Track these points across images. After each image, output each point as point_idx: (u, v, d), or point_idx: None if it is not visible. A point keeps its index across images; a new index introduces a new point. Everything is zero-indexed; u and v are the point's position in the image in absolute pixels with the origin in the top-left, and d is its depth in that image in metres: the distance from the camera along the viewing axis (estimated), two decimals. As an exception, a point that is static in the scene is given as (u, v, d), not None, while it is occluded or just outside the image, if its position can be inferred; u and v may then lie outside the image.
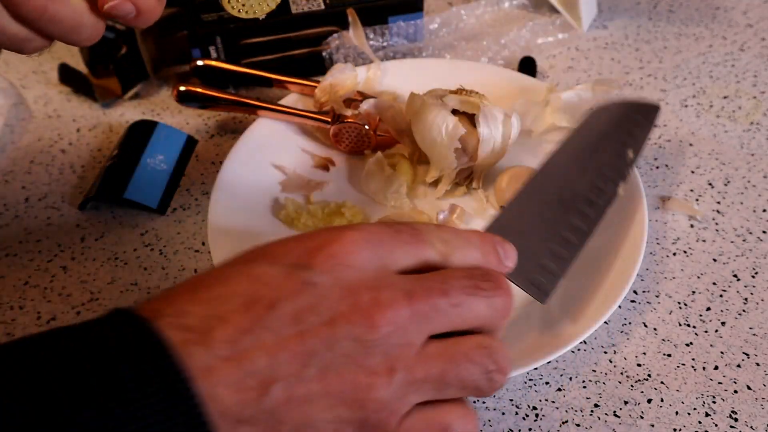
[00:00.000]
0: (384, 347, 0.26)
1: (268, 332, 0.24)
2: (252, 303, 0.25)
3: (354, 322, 0.25)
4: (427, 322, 0.27)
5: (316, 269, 0.26)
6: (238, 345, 0.24)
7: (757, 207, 0.54)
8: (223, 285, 0.26)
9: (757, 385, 0.43)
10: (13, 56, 0.73)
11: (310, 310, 0.25)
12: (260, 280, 0.26)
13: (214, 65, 0.63)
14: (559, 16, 0.73)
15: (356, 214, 0.52)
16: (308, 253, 0.27)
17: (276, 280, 0.26)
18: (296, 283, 0.26)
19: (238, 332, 0.24)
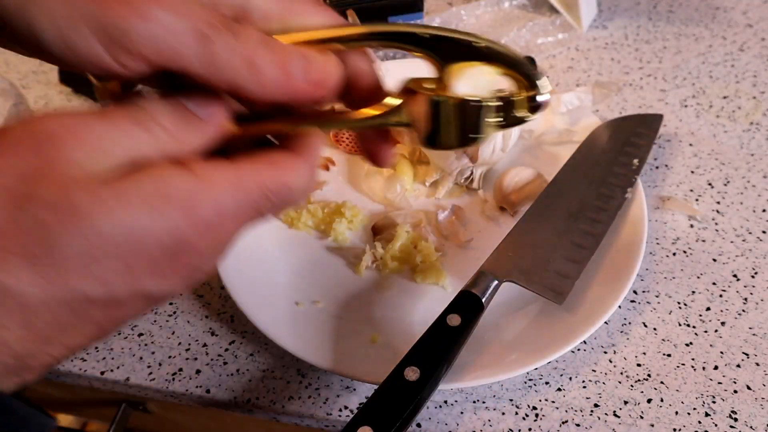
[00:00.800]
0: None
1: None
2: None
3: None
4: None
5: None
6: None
7: (756, 207, 0.54)
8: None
9: (756, 385, 0.43)
10: (13, 56, 0.73)
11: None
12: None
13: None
14: (559, 16, 0.73)
15: (356, 214, 0.52)
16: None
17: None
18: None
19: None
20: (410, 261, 0.49)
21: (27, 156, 0.23)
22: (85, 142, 0.24)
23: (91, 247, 0.23)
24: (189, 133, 0.27)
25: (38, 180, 0.23)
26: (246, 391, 0.44)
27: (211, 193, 0.26)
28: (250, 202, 0.27)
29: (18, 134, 0.24)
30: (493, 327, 0.45)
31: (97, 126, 0.25)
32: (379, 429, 0.34)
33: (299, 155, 0.28)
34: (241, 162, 0.27)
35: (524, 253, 0.46)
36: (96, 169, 0.24)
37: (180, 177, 0.25)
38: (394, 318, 0.46)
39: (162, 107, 0.27)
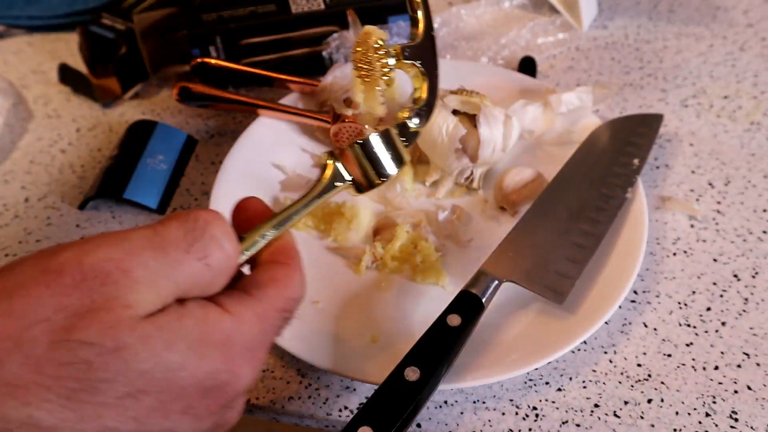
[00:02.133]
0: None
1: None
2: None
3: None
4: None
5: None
6: None
7: (757, 207, 0.54)
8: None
9: (757, 385, 0.43)
10: (13, 56, 0.73)
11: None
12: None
13: (215, 64, 0.63)
14: (559, 16, 0.73)
15: (356, 214, 0.52)
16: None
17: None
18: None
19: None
20: (410, 261, 0.49)
21: (74, 294, 0.23)
22: (136, 282, 0.24)
23: (130, 384, 0.23)
24: (228, 274, 0.28)
25: (84, 318, 0.23)
26: (246, 391, 0.44)
27: (243, 331, 0.27)
28: (273, 328, 0.29)
29: (65, 267, 0.23)
30: (493, 327, 0.44)
31: (150, 262, 0.25)
32: (379, 429, 0.34)
33: (288, 264, 0.30)
34: (253, 290, 0.28)
35: (524, 253, 0.46)
36: (143, 306, 0.24)
37: (219, 318, 0.26)
38: (394, 318, 0.46)
39: (222, 243, 0.27)
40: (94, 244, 0.24)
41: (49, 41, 0.75)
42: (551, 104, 0.57)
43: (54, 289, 0.23)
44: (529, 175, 0.54)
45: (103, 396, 0.23)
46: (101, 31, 0.65)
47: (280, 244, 0.31)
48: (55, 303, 0.23)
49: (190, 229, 0.26)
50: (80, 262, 0.24)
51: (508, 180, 0.54)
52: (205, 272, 0.26)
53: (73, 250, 0.24)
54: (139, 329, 0.23)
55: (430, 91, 0.41)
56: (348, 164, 0.35)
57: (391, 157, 0.36)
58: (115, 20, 0.66)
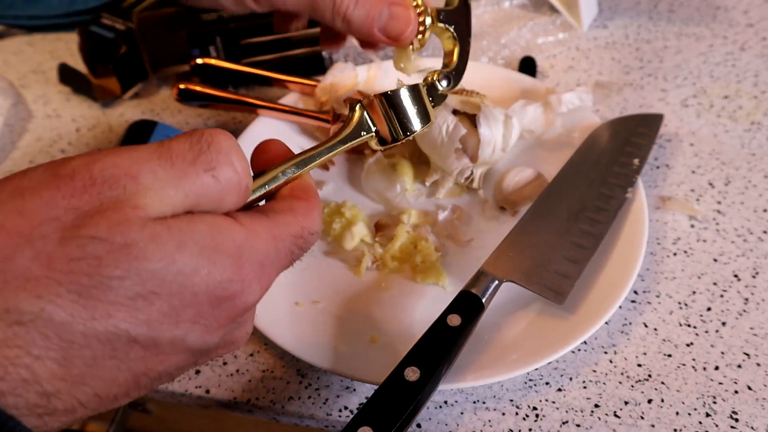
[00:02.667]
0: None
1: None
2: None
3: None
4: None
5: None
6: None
7: (757, 207, 0.54)
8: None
9: (757, 385, 0.43)
10: (13, 56, 0.73)
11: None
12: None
13: (214, 64, 0.63)
14: (559, 16, 0.73)
15: (356, 214, 0.52)
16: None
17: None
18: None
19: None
20: (410, 261, 0.49)
21: (84, 196, 0.23)
22: (145, 187, 0.24)
23: (141, 284, 0.23)
24: (238, 191, 0.27)
25: (93, 217, 0.23)
26: (246, 391, 0.44)
27: (256, 245, 0.27)
28: (286, 251, 0.29)
29: (76, 172, 0.24)
30: (493, 327, 0.44)
31: (158, 170, 0.25)
32: (379, 429, 0.34)
33: (307, 199, 0.31)
34: (270, 213, 0.29)
35: (524, 253, 0.46)
36: (152, 209, 0.24)
37: (231, 228, 0.26)
38: (394, 318, 0.46)
39: (235, 161, 0.27)
40: (103, 152, 0.25)
41: (49, 41, 0.75)
42: (551, 104, 0.57)
43: (64, 192, 0.23)
44: (529, 175, 0.54)
45: (114, 294, 0.23)
46: (101, 31, 0.65)
47: (299, 182, 0.31)
48: (66, 204, 0.23)
49: (195, 141, 0.26)
50: (90, 167, 0.24)
51: (508, 180, 0.54)
52: (214, 185, 0.26)
53: (83, 157, 0.24)
54: (149, 227, 0.24)
55: (460, 56, 0.42)
56: (374, 115, 0.35)
57: (417, 113, 0.36)
58: (115, 20, 0.66)
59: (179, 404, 0.46)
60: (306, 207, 0.30)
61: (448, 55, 0.43)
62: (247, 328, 0.29)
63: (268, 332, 0.44)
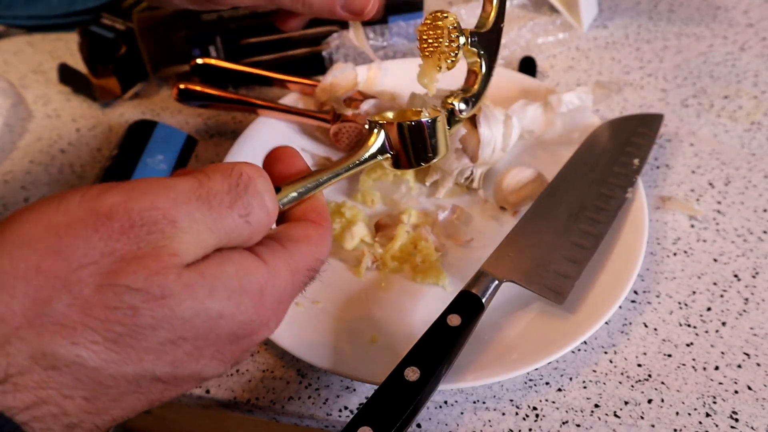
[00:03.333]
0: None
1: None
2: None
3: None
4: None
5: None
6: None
7: (757, 207, 0.54)
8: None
9: (757, 385, 0.43)
10: (13, 56, 0.73)
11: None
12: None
13: (214, 64, 0.63)
14: (559, 16, 0.73)
15: (356, 214, 0.52)
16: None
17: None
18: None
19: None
20: (410, 261, 0.49)
21: (122, 239, 0.23)
22: (182, 231, 0.24)
23: (172, 331, 0.24)
24: (266, 230, 0.28)
25: (131, 263, 0.23)
26: (246, 391, 0.44)
27: (276, 283, 0.28)
28: (300, 284, 0.29)
29: (114, 212, 0.24)
30: (493, 327, 0.44)
31: (196, 213, 0.25)
32: (379, 429, 0.34)
33: (320, 224, 0.31)
34: (288, 244, 0.29)
35: (525, 253, 0.46)
36: (187, 255, 0.24)
37: (256, 268, 0.27)
38: (394, 318, 0.46)
39: (266, 201, 0.28)
40: (140, 190, 0.24)
41: (49, 41, 0.75)
42: (551, 104, 0.57)
43: (102, 233, 0.23)
44: (529, 175, 0.54)
45: (146, 341, 0.23)
46: (101, 31, 0.65)
47: (313, 202, 0.32)
48: (103, 247, 0.23)
49: (234, 184, 0.26)
50: (129, 208, 0.24)
51: (508, 180, 0.54)
52: (245, 228, 0.27)
53: (120, 194, 0.24)
54: (184, 277, 0.24)
55: (484, 82, 0.41)
56: (393, 139, 0.35)
57: (435, 144, 0.36)
58: (115, 20, 0.66)
59: (179, 404, 0.46)
60: (320, 234, 0.30)
61: (471, 78, 0.41)
62: (252, 351, 0.30)
63: (268, 332, 0.44)
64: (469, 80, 0.41)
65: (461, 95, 0.40)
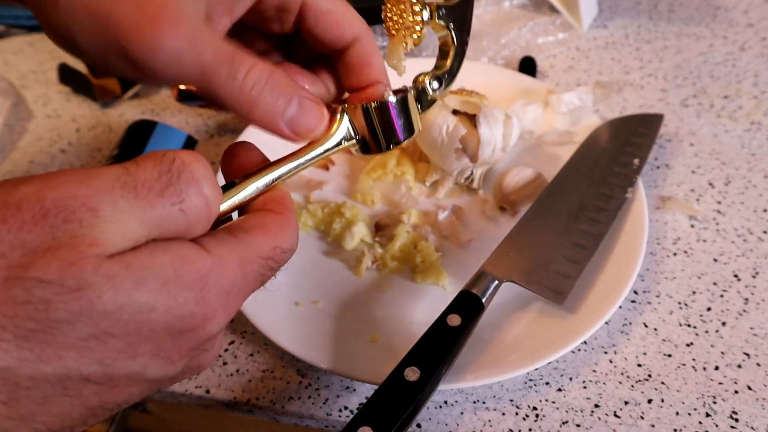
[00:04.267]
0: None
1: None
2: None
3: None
4: None
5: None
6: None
7: (757, 207, 0.54)
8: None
9: (757, 385, 0.43)
10: (13, 56, 0.73)
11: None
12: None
13: (214, 65, 0.63)
14: (559, 16, 0.73)
15: (356, 214, 0.52)
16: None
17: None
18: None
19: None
20: (410, 261, 0.49)
21: (34, 230, 0.22)
22: (104, 220, 0.22)
23: (94, 325, 0.22)
24: (207, 221, 0.26)
25: (44, 255, 0.21)
26: (246, 391, 0.44)
27: (222, 272, 0.25)
28: (255, 275, 0.27)
29: (25, 202, 0.22)
30: (493, 327, 0.44)
31: (120, 202, 0.23)
32: (379, 429, 0.34)
33: (281, 213, 0.29)
34: (239, 234, 0.27)
35: (524, 253, 0.46)
36: (110, 245, 0.23)
37: (196, 256, 0.25)
38: (394, 318, 0.46)
39: (204, 187, 0.25)
40: (59, 179, 0.22)
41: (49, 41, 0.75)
42: (551, 104, 0.57)
43: (11, 225, 0.21)
44: (529, 175, 0.54)
45: (63, 337, 0.22)
46: (101, 31, 0.65)
47: (274, 193, 0.30)
48: (12, 239, 0.21)
49: (165, 170, 0.24)
50: (42, 197, 0.22)
51: (508, 180, 0.54)
52: (180, 217, 0.24)
53: (36, 184, 0.22)
54: (104, 267, 0.22)
55: (455, 58, 0.39)
56: (358, 122, 0.33)
57: (404, 125, 0.34)
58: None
59: (179, 404, 0.46)
60: (279, 223, 0.28)
61: (443, 55, 0.40)
62: (213, 352, 0.28)
63: (268, 332, 0.44)
64: (441, 57, 0.39)
65: (433, 73, 0.38)
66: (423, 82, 0.37)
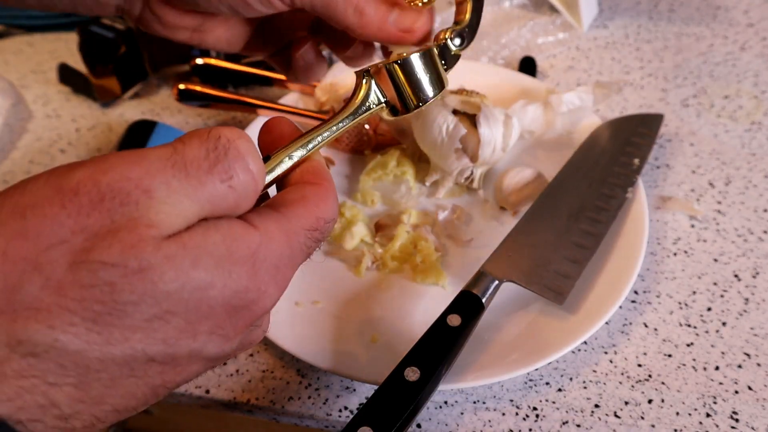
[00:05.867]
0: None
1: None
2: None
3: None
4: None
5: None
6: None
7: (758, 207, 0.54)
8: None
9: (758, 385, 0.43)
10: (13, 56, 0.73)
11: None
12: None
13: (214, 64, 0.63)
14: (559, 16, 0.73)
15: (356, 214, 0.52)
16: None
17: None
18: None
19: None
20: (410, 261, 0.49)
21: (93, 214, 0.22)
22: (158, 201, 0.23)
23: (157, 305, 0.23)
24: (254, 195, 0.26)
25: (105, 238, 0.22)
26: (246, 391, 0.44)
27: (271, 246, 0.26)
28: (301, 246, 0.28)
29: (81, 186, 0.22)
30: (493, 327, 0.44)
31: (172, 182, 0.23)
32: (379, 429, 0.34)
33: (319, 183, 0.29)
34: (281, 208, 0.27)
35: (525, 253, 0.46)
36: (166, 225, 0.23)
37: (245, 233, 0.25)
38: (394, 318, 0.46)
39: (249, 161, 0.25)
40: (110, 162, 0.23)
41: (49, 41, 0.75)
42: (551, 104, 0.57)
43: (71, 210, 0.22)
44: (529, 175, 0.54)
45: (130, 319, 0.22)
46: (101, 31, 0.65)
47: (309, 164, 0.30)
48: (73, 224, 0.22)
49: (212, 148, 0.24)
50: (97, 181, 0.22)
51: (508, 180, 0.54)
52: (229, 194, 0.25)
53: (89, 168, 0.23)
54: (164, 248, 0.22)
55: (474, 12, 0.38)
56: (384, 84, 0.32)
57: (430, 80, 0.33)
58: (115, 20, 0.66)
59: (179, 404, 0.46)
60: (318, 193, 0.29)
61: (460, 10, 0.38)
62: (263, 327, 0.29)
63: (268, 332, 0.44)
64: (460, 12, 0.38)
65: (453, 28, 0.37)
66: (444, 38, 0.36)
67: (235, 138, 0.25)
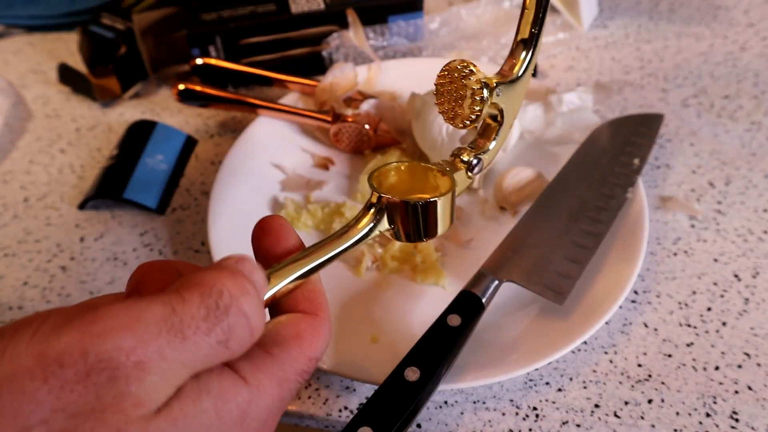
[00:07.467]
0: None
1: None
2: None
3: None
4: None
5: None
6: None
7: (758, 207, 0.54)
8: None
9: (758, 385, 0.43)
10: (13, 56, 0.73)
11: None
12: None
13: (214, 64, 0.63)
14: (559, 16, 0.73)
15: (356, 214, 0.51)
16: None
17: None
18: None
19: None
20: (410, 261, 0.49)
21: (77, 389, 0.20)
22: (149, 374, 0.21)
23: None
24: (251, 344, 0.25)
25: (88, 419, 0.20)
26: (245, 391, 0.44)
27: (261, 402, 0.25)
28: (291, 392, 0.26)
29: (67, 356, 0.20)
30: (493, 327, 0.44)
31: (166, 350, 0.22)
32: (379, 429, 0.34)
33: (315, 313, 0.28)
34: (275, 350, 0.26)
35: (525, 253, 0.46)
36: (155, 400, 0.22)
37: (236, 391, 0.24)
38: (394, 318, 0.46)
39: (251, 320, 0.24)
40: (101, 326, 0.21)
41: (49, 41, 0.75)
42: (551, 104, 0.57)
43: (53, 384, 0.20)
44: (529, 175, 0.54)
45: None
46: (101, 31, 0.65)
47: (307, 289, 0.28)
48: (53, 401, 0.20)
49: (213, 307, 0.23)
50: (85, 351, 0.20)
51: (508, 180, 0.54)
52: (224, 351, 0.23)
53: (77, 332, 0.21)
54: (152, 427, 0.21)
55: (499, 141, 0.35)
56: (397, 216, 0.31)
57: (443, 217, 0.32)
58: (115, 20, 0.66)
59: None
60: (313, 328, 0.27)
61: (485, 135, 0.35)
62: None
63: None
64: (485, 135, 0.35)
65: (473, 153, 0.34)
66: (464, 163, 0.34)
67: (239, 295, 0.24)
